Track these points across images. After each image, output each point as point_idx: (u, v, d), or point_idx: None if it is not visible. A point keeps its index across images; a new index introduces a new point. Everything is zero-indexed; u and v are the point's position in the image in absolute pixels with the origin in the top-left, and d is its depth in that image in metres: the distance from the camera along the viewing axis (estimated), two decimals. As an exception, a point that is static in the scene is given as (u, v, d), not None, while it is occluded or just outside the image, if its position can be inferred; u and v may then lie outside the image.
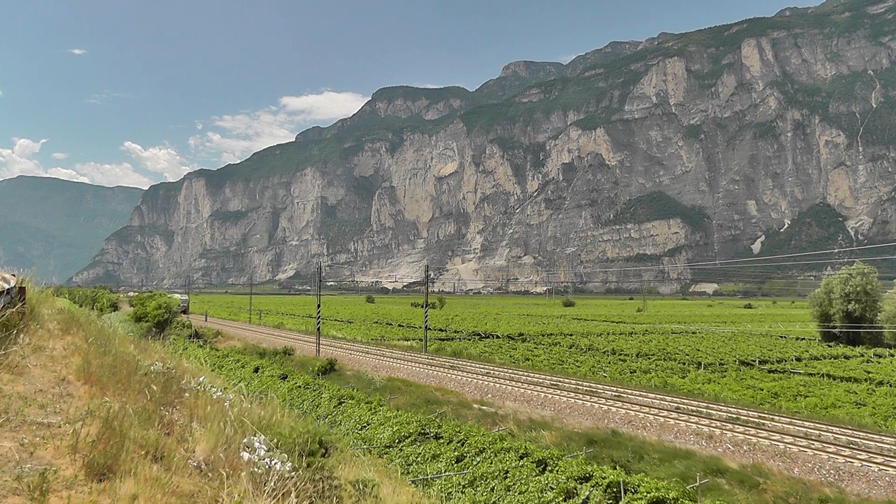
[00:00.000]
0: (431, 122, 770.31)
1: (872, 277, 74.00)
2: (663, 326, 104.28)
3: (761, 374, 48.35)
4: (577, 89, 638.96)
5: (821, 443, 26.67)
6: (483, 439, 24.56)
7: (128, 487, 4.83)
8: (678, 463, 24.65)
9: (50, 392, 6.25)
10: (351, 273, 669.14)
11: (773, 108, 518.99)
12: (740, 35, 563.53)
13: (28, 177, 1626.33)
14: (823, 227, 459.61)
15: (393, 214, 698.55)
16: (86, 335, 8.55)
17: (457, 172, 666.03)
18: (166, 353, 11.78)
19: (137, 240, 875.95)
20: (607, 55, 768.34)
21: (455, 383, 44.63)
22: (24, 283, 7.85)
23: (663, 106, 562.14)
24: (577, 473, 19.55)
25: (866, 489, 22.10)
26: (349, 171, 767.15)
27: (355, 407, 34.17)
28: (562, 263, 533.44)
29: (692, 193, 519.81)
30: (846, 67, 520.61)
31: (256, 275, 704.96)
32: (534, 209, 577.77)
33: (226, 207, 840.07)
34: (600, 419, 33.08)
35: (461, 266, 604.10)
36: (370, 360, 56.39)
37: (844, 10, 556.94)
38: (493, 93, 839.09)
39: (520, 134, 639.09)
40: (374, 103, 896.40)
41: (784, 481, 22.48)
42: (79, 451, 5.12)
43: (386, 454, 26.33)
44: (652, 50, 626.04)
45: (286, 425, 7.79)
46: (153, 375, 8.02)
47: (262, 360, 54.71)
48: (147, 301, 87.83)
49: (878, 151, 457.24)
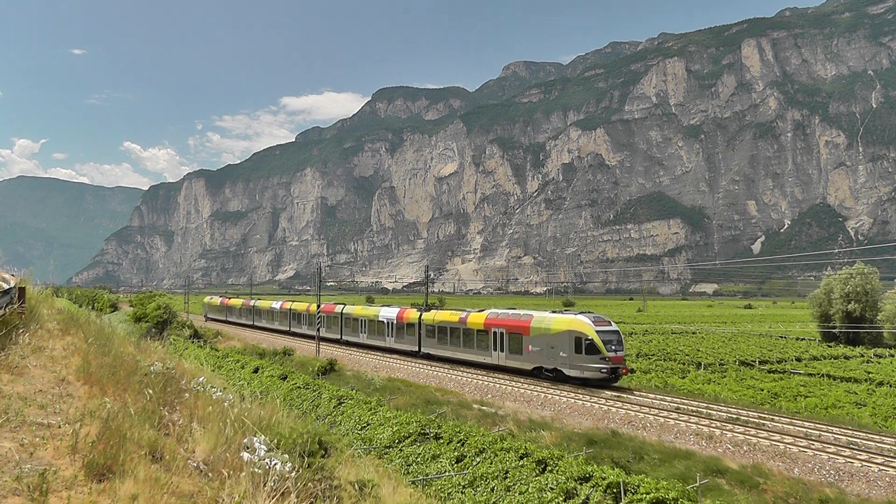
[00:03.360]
0: (431, 123, 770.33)
1: (872, 278, 73.99)
2: (663, 327, 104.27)
3: (761, 375, 48.34)
4: (577, 89, 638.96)
5: (821, 443, 26.67)
6: (483, 439, 24.56)
7: (127, 488, 4.83)
8: (678, 463, 24.64)
9: (50, 392, 6.25)
10: (351, 273, 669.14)
11: (773, 109, 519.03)
12: (740, 35, 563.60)
13: (28, 177, 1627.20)
14: (823, 227, 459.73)
15: (393, 215, 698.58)
16: (85, 335, 8.55)
17: (457, 173, 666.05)
18: (166, 353, 11.79)
19: (137, 240, 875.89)
20: (607, 55, 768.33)
21: (455, 383, 44.65)
22: (24, 284, 7.85)
23: (663, 106, 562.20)
24: (577, 474, 19.55)
25: (866, 489, 22.10)
26: (349, 171, 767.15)
27: (355, 407, 34.17)
28: (562, 263, 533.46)
29: (692, 194, 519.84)
30: (846, 67, 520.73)
31: (256, 275, 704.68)
32: (534, 209, 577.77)
33: (226, 208, 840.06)
34: (600, 419, 33.08)
35: (461, 266, 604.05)
36: (370, 361, 56.40)
37: (844, 10, 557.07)
38: (493, 93, 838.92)
39: (520, 134, 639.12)
40: (374, 103, 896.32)
41: (784, 482, 22.48)
42: (79, 451, 5.12)
43: (386, 454, 26.32)
44: (652, 50, 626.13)
45: (286, 425, 7.79)
46: (153, 376, 8.02)
47: (261, 361, 54.70)
48: (147, 301, 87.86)
49: (878, 151, 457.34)
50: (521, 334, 43.46)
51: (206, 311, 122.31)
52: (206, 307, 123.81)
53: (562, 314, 42.92)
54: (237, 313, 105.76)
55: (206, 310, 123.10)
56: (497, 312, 48.07)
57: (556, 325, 40.94)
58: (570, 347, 39.43)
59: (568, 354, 39.61)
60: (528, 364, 43.07)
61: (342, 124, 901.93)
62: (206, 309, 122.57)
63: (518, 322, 44.25)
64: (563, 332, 39.93)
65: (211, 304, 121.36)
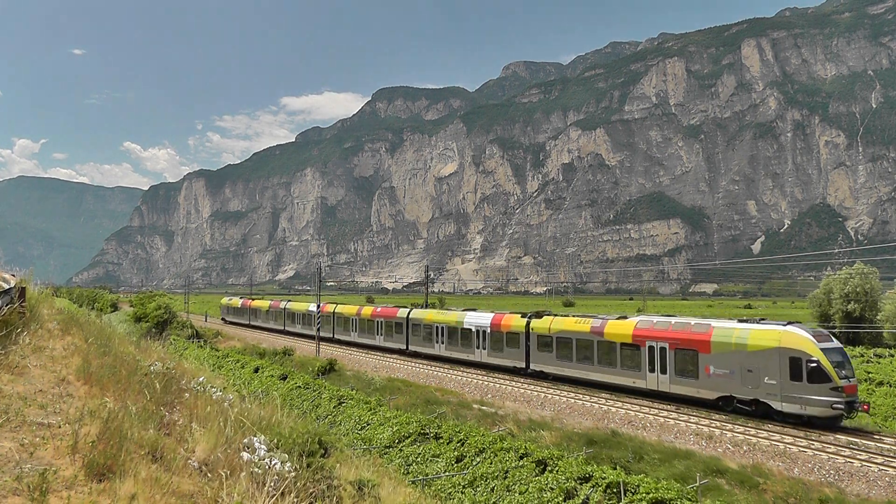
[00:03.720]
0: (431, 123, 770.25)
1: (872, 278, 74.01)
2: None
3: (761, 375, 48.21)
4: (577, 89, 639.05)
5: (821, 443, 26.70)
6: (483, 439, 24.58)
7: (127, 487, 4.84)
8: (678, 463, 24.66)
9: (50, 392, 6.26)
10: (351, 273, 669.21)
11: (773, 109, 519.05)
12: (740, 35, 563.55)
13: (28, 177, 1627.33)
14: (823, 227, 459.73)
15: (393, 215, 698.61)
16: (85, 335, 8.56)
17: (457, 173, 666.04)
18: (166, 353, 11.80)
19: (137, 240, 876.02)
20: (607, 55, 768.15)
21: (455, 383, 44.66)
22: (24, 284, 7.86)
23: (663, 106, 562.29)
24: (577, 474, 19.56)
25: (866, 489, 22.12)
26: (349, 171, 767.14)
27: (355, 407, 34.18)
28: (562, 264, 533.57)
29: (692, 194, 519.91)
30: (846, 67, 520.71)
31: (256, 275, 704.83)
32: (534, 209, 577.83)
33: (226, 207, 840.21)
34: (600, 419, 33.10)
35: (461, 266, 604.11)
36: (370, 361, 56.41)
37: (844, 10, 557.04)
38: (493, 93, 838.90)
39: (520, 134, 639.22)
40: (374, 103, 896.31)
41: (784, 481, 22.50)
42: (79, 451, 5.13)
43: (386, 454, 26.34)
44: (652, 50, 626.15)
45: (286, 425, 7.80)
46: (153, 376, 8.03)
47: (261, 361, 54.71)
48: (147, 301, 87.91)
49: (878, 151, 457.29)
50: (696, 350, 33.71)
51: (225, 313, 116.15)
52: (224, 309, 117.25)
53: (760, 325, 32.67)
54: (263, 316, 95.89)
55: (224, 312, 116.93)
56: (651, 320, 38.37)
57: (756, 340, 31.22)
58: (781, 371, 29.87)
59: (778, 381, 29.95)
60: (708, 392, 33.24)
61: (342, 124, 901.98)
62: (225, 311, 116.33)
63: (689, 334, 34.52)
64: (769, 351, 30.41)
65: (230, 306, 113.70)
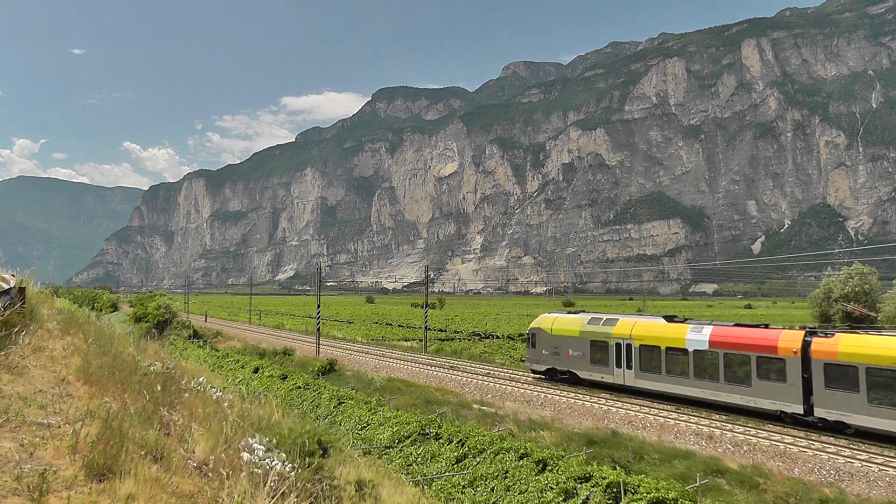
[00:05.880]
0: (431, 123, 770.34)
1: (872, 278, 73.93)
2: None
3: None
4: (577, 89, 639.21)
5: (821, 443, 26.69)
6: (483, 440, 24.56)
7: (127, 488, 4.83)
8: (678, 463, 24.64)
9: (50, 392, 6.25)
10: (351, 273, 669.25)
11: (774, 109, 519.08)
12: (740, 35, 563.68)
13: (28, 177, 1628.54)
14: (823, 227, 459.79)
15: (393, 215, 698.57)
16: (85, 336, 8.55)
17: (457, 173, 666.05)
18: (166, 353, 11.79)
19: (137, 240, 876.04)
20: (607, 55, 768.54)
21: (455, 383, 44.62)
22: (24, 284, 7.85)
23: (663, 106, 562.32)
24: (577, 473, 19.56)
25: (866, 489, 22.10)
26: (349, 171, 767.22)
27: (355, 407, 34.17)
28: (562, 264, 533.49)
29: (692, 193, 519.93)
30: (846, 67, 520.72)
31: (256, 275, 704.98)
32: (534, 209, 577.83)
33: (226, 208, 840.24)
34: (600, 419, 33.08)
35: (461, 266, 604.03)
36: (370, 361, 56.36)
37: (844, 10, 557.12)
38: (493, 93, 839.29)
39: (520, 134, 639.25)
40: (374, 103, 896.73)
41: (784, 482, 22.48)
42: (78, 451, 5.13)
43: (386, 454, 26.33)
44: (652, 50, 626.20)
45: (286, 426, 7.79)
46: (153, 376, 8.02)
47: (261, 361, 54.67)
48: (147, 301, 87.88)
49: (878, 151, 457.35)
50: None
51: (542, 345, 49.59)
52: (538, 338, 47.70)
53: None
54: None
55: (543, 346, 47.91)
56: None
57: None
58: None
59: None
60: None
61: (342, 124, 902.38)
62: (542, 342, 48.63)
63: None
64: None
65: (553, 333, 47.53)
